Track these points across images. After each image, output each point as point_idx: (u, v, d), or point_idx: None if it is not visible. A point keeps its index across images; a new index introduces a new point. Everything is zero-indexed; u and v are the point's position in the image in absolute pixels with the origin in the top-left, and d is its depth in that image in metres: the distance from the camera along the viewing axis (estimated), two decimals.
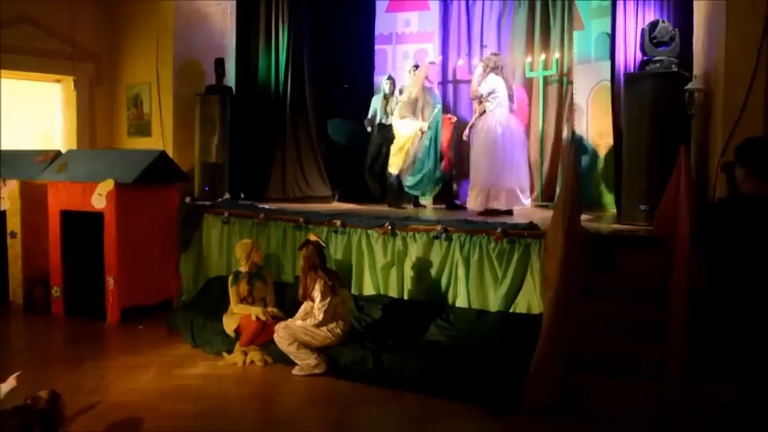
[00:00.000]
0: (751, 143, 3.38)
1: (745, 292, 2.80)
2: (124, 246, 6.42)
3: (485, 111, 6.93)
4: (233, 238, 6.53)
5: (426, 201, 8.06)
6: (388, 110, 7.86)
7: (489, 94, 6.81)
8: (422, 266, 5.67)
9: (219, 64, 7.79)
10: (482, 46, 8.50)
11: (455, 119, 7.96)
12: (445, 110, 8.06)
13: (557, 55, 8.03)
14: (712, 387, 2.81)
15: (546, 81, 8.18)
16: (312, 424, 4.22)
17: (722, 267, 2.95)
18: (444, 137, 7.58)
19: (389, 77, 8.12)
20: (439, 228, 5.58)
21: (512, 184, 6.71)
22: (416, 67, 7.67)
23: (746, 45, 5.03)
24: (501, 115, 6.79)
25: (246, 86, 8.38)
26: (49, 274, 6.76)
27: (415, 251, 5.70)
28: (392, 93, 7.95)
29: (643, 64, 5.99)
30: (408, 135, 7.33)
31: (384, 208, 7.50)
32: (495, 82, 6.82)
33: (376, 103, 8.07)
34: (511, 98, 6.88)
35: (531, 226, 5.37)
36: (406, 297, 5.77)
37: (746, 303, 2.79)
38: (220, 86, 7.79)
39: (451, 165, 7.80)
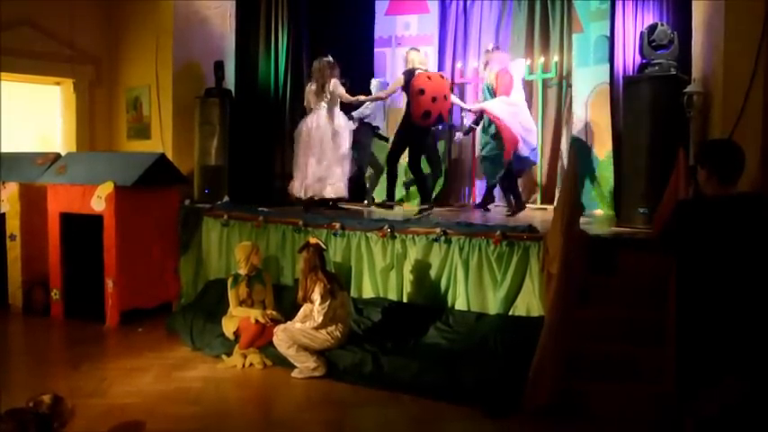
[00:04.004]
0: (712, 144, 3.41)
1: (708, 293, 2.80)
2: (123, 248, 6.41)
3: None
4: (232, 241, 6.53)
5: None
6: None
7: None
8: (421, 269, 5.67)
9: (219, 66, 7.78)
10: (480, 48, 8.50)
11: None
12: None
13: (556, 58, 8.03)
14: (710, 388, 2.80)
15: (545, 84, 8.18)
16: (311, 426, 4.22)
17: (685, 269, 2.95)
18: None
19: None
20: (438, 230, 5.58)
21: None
22: None
23: (745, 47, 5.02)
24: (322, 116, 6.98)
25: (246, 89, 8.37)
26: (48, 277, 6.75)
27: (414, 254, 5.70)
28: None
29: (642, 67, 6.00)
30: None
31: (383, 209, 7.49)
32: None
33: None
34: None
35: (530, 229, 5.37)
36: (405, 300, 5.77)
37: (710, 305, 2.79)
38: (220, 89, 7.78)
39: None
